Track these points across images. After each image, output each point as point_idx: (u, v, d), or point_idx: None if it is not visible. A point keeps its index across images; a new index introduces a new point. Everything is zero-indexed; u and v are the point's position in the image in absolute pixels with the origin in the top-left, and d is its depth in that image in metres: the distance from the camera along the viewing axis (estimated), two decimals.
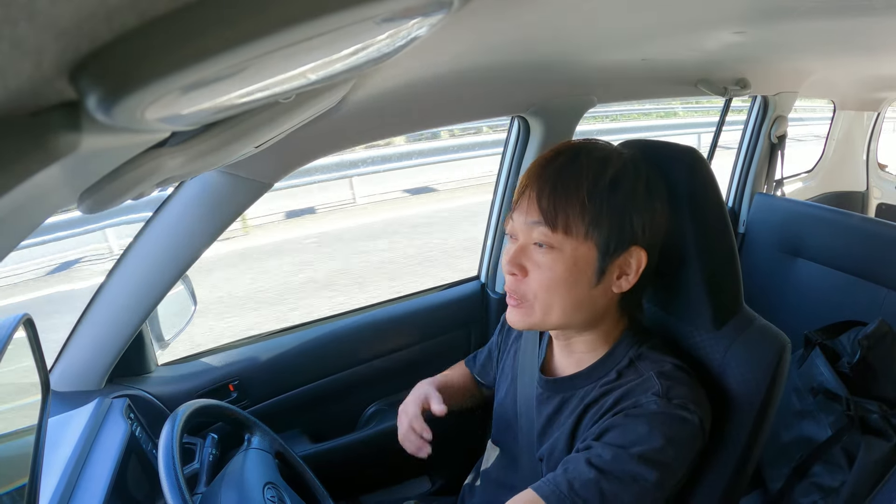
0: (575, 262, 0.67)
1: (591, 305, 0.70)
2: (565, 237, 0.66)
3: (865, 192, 2.71)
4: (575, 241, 0.66)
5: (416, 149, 6.44)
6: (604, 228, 0.66)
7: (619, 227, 0.66)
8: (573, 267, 0.67)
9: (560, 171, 0.67)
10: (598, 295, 0.70)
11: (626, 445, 0.65)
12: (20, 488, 0.61)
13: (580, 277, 0.68)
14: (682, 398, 0.67)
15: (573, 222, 0.66)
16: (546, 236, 0.67)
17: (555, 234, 0.66)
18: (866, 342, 1.36)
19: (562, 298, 0.69)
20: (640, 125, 8.37)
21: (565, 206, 0.65)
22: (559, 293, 0.68)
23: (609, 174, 0.66)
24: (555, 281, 0.68)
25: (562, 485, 0.65)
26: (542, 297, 0.69)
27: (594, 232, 0.66)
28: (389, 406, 1.33)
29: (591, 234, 0.66)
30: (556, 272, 0.67)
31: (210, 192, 0.90)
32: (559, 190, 0.66)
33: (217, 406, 0.90)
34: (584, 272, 0.68)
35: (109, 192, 0.33)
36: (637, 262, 0.68)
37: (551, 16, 0.64)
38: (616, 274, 0.69)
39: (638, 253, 0.68)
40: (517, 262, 0.69)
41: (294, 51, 0.21)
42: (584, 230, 0.66)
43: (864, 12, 0.82)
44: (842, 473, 1.32)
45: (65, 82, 0.20)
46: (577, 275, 0.68)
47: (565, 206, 0.65)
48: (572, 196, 0.65)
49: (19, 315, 0.65)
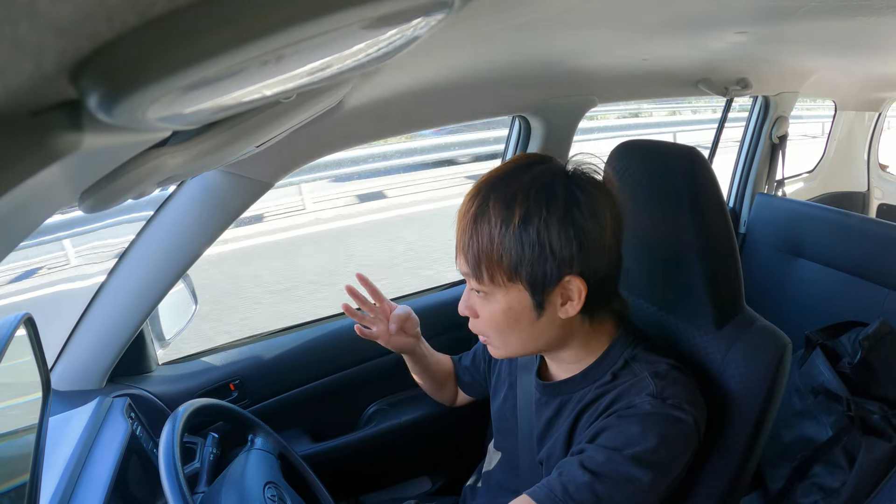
0: (510, 306, 0.68)
1: (543, 335, 0.71)
2: (493, 285, 0.68)
3: (866, 193, 2.70)
4: (502, 287, 0.67)
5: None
6: (526, 269, 0.65)
7: (542, 262, 0.64)
8: (508, 310, 0.69)
9: (474, 220, 0.66)
10: (546, 325, 0.70)
11: (620, 447, 0.65)
12: (21, 487, 0.61)
13: (520, 317, 0.69)
14: (677, 398, 0.67)
15: (495, 271, 0.66)
16: (477, 286, 0.69)
17: (483, 285, 0.68)
18: (867, 343, 1.36)
19: (512, 336, 0.71)
20: (615, 124, 8.35)
21: (483, 257, 0.66)
22: (506, 333, 0.71)
23: (518, 214, 0.63)
24: (498, 324, 0.70)
25: (556, 489, 0.65)
26: (494, 337, 0.73)
27: (516, 274, 0.66)
28: (390, 406, 1.33)
29: (515, 278, 0.66)
30: (495, 316, 0.70)
31: (211, 191, 0.90)
32: (475, 242, 0.66)
33: (218, 405, 0.90)
34: (522, 312, 0.68)
35: (110, 192, 0.33)
36: (577, 290, 0.66)
37: (552, 16, 0.64)
38: (559, 302, 0.68)
39: (575, 281, 0.66)
40: (468, 306, 0.73)
41: (295, 50, 0.21)
42: (506, 275, 0.66)
43: (865, 12, 0.82)
44: (842, 474, 1.32)
45: (65, 82, 0.20)
46: (516, 316, 0.69)
47: (483, 257, 0.66)
48: (487, 246, 0.65)
49: (20, 314, 0.65)
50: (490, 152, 6.59)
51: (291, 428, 1.23)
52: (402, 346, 0.97)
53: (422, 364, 1.01)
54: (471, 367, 1.02)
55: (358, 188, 6.35)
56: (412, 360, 1.00)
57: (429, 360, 1.02)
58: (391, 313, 0.94)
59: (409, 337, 0.97)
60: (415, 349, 0.98)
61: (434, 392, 1.08)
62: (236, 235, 4.84)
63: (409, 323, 0.96)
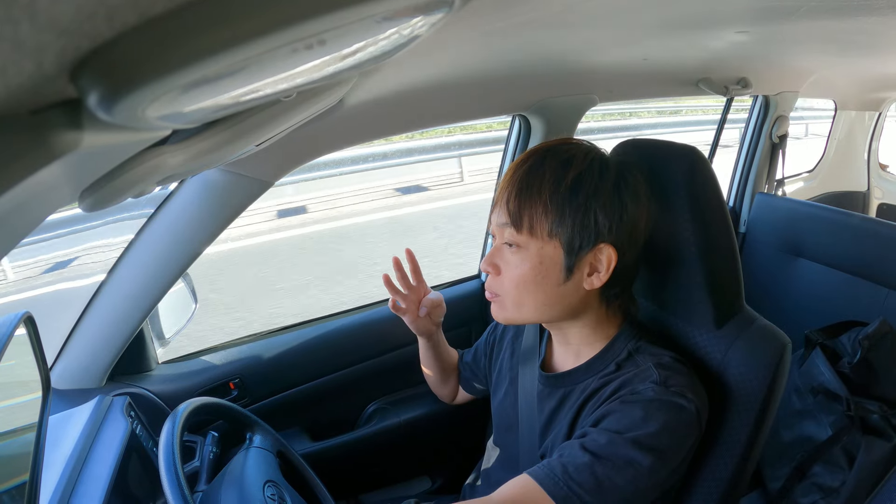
0: (541, 261, 0.70)
1: (562, 300, 0.72)
2: (530, 237, 0.70)
3: (867, 192, 2.71)
4: (540, 240, 0.69)
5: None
6: (567, 227, 0.68)
7: (583, 225, 0.68)
8: (539, 265, 0.70)
9: (526, 175, 0.70)
10: (570, 291, 0.71)
11: (621, 430, 0.65)
12: (21, 486, 0.61)
13: (548, 275, 0.70)
14: (680, 386, 0.68)
15: (537, 222, 0.69)
16: (513, 237, 0.71)
17: (520, 235, 0.70)
18: (867, 342, 1.36)
19: (532, 295, 0.72)
20: (602, 125, 8.35)
21: (529, 207, 0.69)
22: (528, 290, 0.72)
23: (571, 175, 0.68)
24: (523, 279, 0.71)
25: (556, 469, 0.65)
26: (512, 294, 0.73)
27: (558, 231, 0.68)
28: (389, 405, 1.33)
29: (555, 232, 0.69)
30: (523, 270, 0.71)
31: (211, 190, 0.90)
32: (524, 192, 0.69)
33: (218, 404, 0.91)
34: (551, 270, 0.70)
35: (110, 190, 0.33)
36: (607, 259, 0.69)
37: (553, 15, 0.64)
38: (586, 271, 0.71)
39: (607, 250, 0.69)
40: (491, 262, 0.74)
41: (295, 49, 0.21)
42: (547, 229, 0.69)
43: (865, 12, 0.82)
44: (842, 473, 1.32)
45: (65, 80, 0.20)
46: (545, 272, 0.70)
47: (529, 207, 0.69)
48: (535, 198, 0.69)
49: (20, 313, 0.65)
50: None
51: (291, 427, 1.24)
52: (425, 329, 1.00)
53: (435, 351, 1.04)
54: (472, 363, 1.04)
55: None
56: (427, 347, 1.03)
57: (441, 350, 1.06)
58: (424, 297, 0.98)
59: (432, 323, 1.00)
60: (433, 335, 1.02)
61: (438, 384, 1.10)
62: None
63: (437, 310, 1.00)
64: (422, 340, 1.03)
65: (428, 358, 1.06)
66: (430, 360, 1.06)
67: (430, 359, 1.05)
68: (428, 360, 1.06)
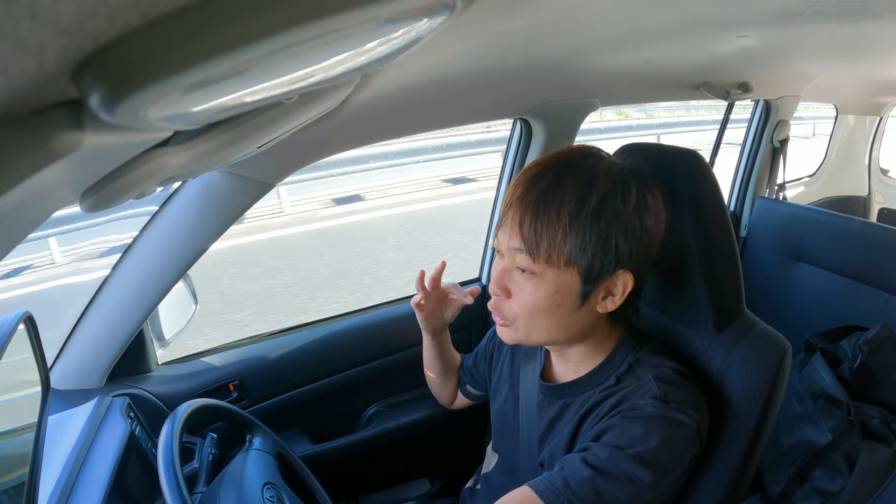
0: (557, 290, 0.66)
1: (574, 325, 0.70)
2: (547, 265, 0.65)
3: (867, 197, 2.71)
4: (557, 269, 0.65)
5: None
6: (587, 255, 0.64)
7: (603, 253, 0.64)
8: (555, 294, 0.66)
9: (543, 196, 0.64)
10: (582, 316, 0.69)
11: (623, 446, 0.65)
12: (20, 485, 0.61)
13: (563, 303, 0.67)
14: (680, 402, 0.67)
15: (555, 251, 0.64)
16: (528, 264, 0.66)
17: (536, 263, 0.65)
18: (867, 347, 1.36)
19: (544, 321, 0.69)
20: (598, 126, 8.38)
21: (546, 234, 0.64)
22: (541, 317, 0.68)
23: (594, 199, 0.63)
24: (536, 306, 0.67)
25: (557, 482, 0.65)
26: (523, 320, 0.69)
27: (577, 259, 0.64)
28: (389, 407, 1.32)
29: (574, 261, 0.64)
30: (537, 298, 0.67)
31: (212, 191, 0.90)
32: (540, 217, 0.64)
33: (217, 405, 0.90)
34: (567, 298, 0.67)
35: (111, 191, 0.33)
36: (623, 285, 0.67)
37: (554, 19, 0.64)
38: (601, 295, 0.68)
39: (624, 276, 0.67)
40: (501, 285, 0.69)
41: (298, 51, 0.21)
42: (565, 258, 0.64)
43: (867, 17, 0.82)
44: (842, 478, 1.32)
45: (67, 81, 0.20)
46: (560, 300, 0.67)
47: (546, 234, 0.64)
48: (553, 224, 0.63)
49: (20, 312, 0.65)
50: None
51: (291, 429, 1.23)
52: (434, 324, 0.99)
53: (439, 349, 1.04)
54: (472, 367, 1.03)
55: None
56: (432, 345, 1.03)
57: (445, 348, 1.05)
58: (442, 297, 0.98)
59: (441, 319, 0.99)
60: (439, 333, 1.02)
61: (439, 386, 1.09)
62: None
63: (452, 307, 0.99)
64: (427, 339, 1.03)
65: (432, 358, 1.05)
66: (434, 360, 1.05)
67: (434, 357, 1.05)
68: (431, 360, 1.06)
